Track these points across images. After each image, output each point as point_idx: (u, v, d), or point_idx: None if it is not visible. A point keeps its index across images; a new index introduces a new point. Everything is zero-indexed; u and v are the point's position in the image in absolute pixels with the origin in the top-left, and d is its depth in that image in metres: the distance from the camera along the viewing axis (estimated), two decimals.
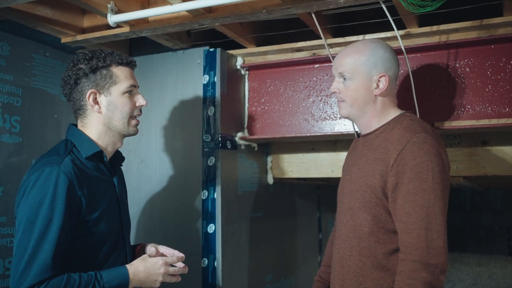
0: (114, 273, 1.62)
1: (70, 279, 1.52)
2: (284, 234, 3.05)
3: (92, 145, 1.72)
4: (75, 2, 1.97)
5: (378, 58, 1.77)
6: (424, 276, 1.52)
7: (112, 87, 1.73)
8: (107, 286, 1.58)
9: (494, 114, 2.17)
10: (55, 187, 1.55)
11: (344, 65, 1.79)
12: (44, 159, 1.64)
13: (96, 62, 1.71)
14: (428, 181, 1.59)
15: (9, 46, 2.26)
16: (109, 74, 1.72)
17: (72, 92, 1.74)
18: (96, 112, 1.73)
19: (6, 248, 2.20)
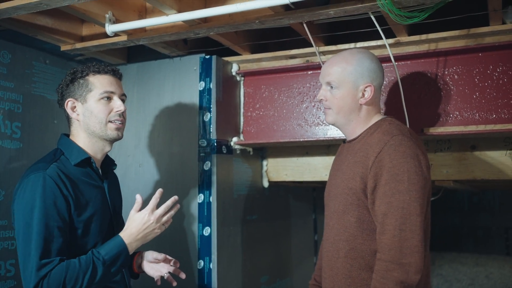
0: (110, 245, 1.70)
1: (69, 264, 1.60)
2: (279, 236, 3.11)
3: (80, 152, 1.79)
4: (74, 12, 2.03)
5: (365, 69, 1.82)
6: (396, 276, 1.59)
7: (88, 94, 1.81)
8: (106, 258, 1.65)
9: (482, 120, 2.23)
10: (43, 189, 1.63)
11: (331, 74, 1.85)
12: (31, 167, 1.73)
13: (75, 74, 1.82)
14: (404, 183, 1.64)
15: (10, 54, 2.32)
16: (85, 83, 1.81)
17: (61, 103, 1.86)
18: (75, 119, 1.82)
19: (7, 251, 2.26)
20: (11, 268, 2.27)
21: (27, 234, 1.60)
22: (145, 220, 1.74)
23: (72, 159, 1.77)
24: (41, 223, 1.60)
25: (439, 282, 7.30)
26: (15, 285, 2.28)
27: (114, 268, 1.68)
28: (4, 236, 2.25)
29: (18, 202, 1.67)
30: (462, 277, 6.47)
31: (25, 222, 1.62)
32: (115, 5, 2.16)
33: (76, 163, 1.77)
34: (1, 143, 2.27)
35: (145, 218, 1.74)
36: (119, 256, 1.69)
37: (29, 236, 1.60)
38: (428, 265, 1.83)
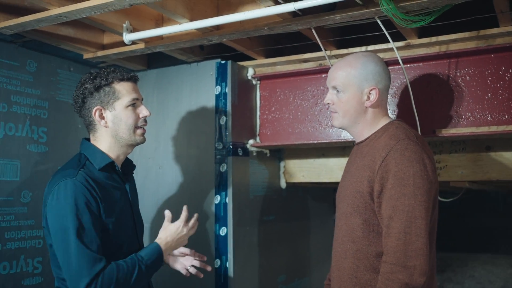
0: (150, 251, 1.86)
1: (119, 266, 1.72)
2: (297, 236, 3.16)
3: (104, 157, 1.87)
4: (92, 23, 2.15)
5: (369, 72, 1.85)
6: (400, 278, 1.62)
7: (116, 102, 1.87)
8: (149, 262, 1.80)
9: (494, 121, 2.23)
10: (75, 194, 1.71)
11: (336, 78, 1.88)
12: (60, 173, 1.81)
13: (99, 81, 1.86)
14: (409, 186, 1.67)
15: (36, 63, 2.46)
16: (111, 91, 1.87)
17: (81, 110, 1.90)
18: (103, 126, 1.88)
19: (34, 249, 2.39)
20: (38, 266, 2.41)
21: (66, 237, 1.67)
22: (179, 230, 1.97)
23: (96, 163, 1.85)
24: (79, 225, 1.68)
25: (471, 284, 7.19)
26: (42, 281, 2.42)
27: (152, 271, 1.84)
28: (31, 235, 2.39)
29: (51, 208, 1.74)
30: (495, 279, 6.36)
31: (62, 226, 1.69)
32: (132, 14, 2.26)
33: (100, 167, 1.85)
34: (28, 147, 2.40)
35: (179, 229, 1.98)
36: (157, 260, 1.86)
37: (68, 239, 1.67)
38: (433, 267, 1.85)
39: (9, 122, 2.31)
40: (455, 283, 7.42)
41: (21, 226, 2.34)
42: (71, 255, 1.66)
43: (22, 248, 2.34)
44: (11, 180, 2.31)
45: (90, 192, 1.75)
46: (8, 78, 2.32)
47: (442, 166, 2.59)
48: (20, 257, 2.32)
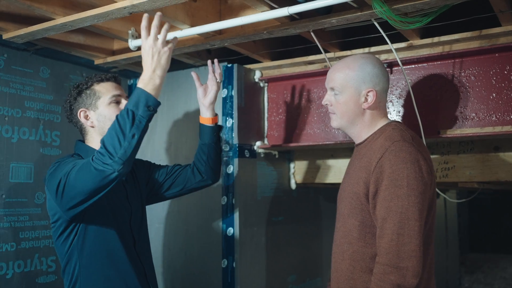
0: (132, 97, 1.73)
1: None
2: (309, 237, 3.18)
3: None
4: (98, 30, 2.22)
5: (367, 74, 1.85)
6: (393, 279, 1.62)
7: (98, 101, 1.98)
8: (128, 106, 1.70)
9: (499, 121, 2.20)
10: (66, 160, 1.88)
11: (334, 80, 1.90)
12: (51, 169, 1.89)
13: (80, 87, 2.00)
14: (403, 188, 1.67)
15: (49, 69, 2.56)
16: (92, 92, 1.98)
17: (71, 117, 2.03)
18: (90, 126, 1.99)
19: (48, 248, 2.50)
20: (52, 264, 2.51)
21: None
22: (150, 48, 1.77)
23: (84, 157, 1.94)
24: None
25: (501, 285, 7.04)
26: (56, 279, 2.52)
27: (140, 111, 1.70)
28: (45, 235, 2.49)
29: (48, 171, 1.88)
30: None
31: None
32: (137, 21, 2.32)
33: None
34: (42, 150, 2.51)
35: (150, 47, 1.77)
36: (139, 98, 1.71)
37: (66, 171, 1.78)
38: (430, 269, 1.85)
39: (23, 127, 2.42)
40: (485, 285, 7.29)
41: (35, 226, 2.44)
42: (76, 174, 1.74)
43: (36, 247, 2.44)
44: (25, 182, 2.41)
45: None
46: (22, 85, 2.42)
47: (450, 167, 2.57)
48: (34, 256, 2.43)
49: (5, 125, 2.34)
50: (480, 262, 8.94)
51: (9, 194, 2.34)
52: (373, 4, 1.81)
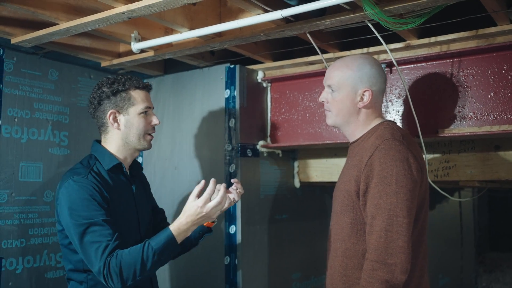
0: (160, 236, 1.83)
1: (124, 252, 1.78)
2: (313, 235, 3.21)
3: (112, 159, 2.01)
4: (100, 34, 2.30)
5: (364, 74, 1.88)
6: (381, 275, 1.65)
7: (130, 108, 2.00)
8: (156, 247, 1.79)
9: (496, 120, 2.21)
10: (85, 190, 1.84)
11: (332, 78, 1.93)
12: (71, 171, 1.95)
13: (117, 86, 1.99)
14: (392, 185, 1.70)
15: (57, 72, 2.65)
16: (127, 97, 1.99)
17: (96, 111, 2.02)
18: (115, 129, 2.01)
19: (57, 245, 2.57)
20: (61, 260, 2.60)
21: (78, 228, 1.80)
22: (194, 206, 1.86)
23: (105, 164, 1.99)
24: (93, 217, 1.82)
25: None
26: (64, 275, 2.59)
27: (163, 257, 1.83)
28: (54, 231, 2.57)
29: (63, 201, 1.87)
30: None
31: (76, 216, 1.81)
32: (141, 24, 2.41)
33: (108, 168, 1.98)
34: (51, 150, 2.60)
35: (194, 205, 1.86)
36: (168, 246, 1.81)
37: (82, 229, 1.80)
38: (423, 266, 1.87)
39: (32, 128, 2.51)
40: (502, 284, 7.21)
41: (44, 223, 2.53)
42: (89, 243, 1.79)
43: (45, 243, 2.53)
44: (34, 181, 2.51)
45: (100, 189, 1.88)
46: (31, 87, 2.51)
47: (451, 166, 2.58)
48: (43, 252, 2.52)
49: (15, 126, 2.43)
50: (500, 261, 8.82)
51: (19, 192, 2.43)
52: (364, 6, 1.84)
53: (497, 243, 9.62)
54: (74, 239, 1.83)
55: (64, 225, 1.88)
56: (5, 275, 2.34)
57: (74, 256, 1.91)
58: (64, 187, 1.89)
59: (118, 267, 1.74)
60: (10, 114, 2.42)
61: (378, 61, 1.98)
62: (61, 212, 1.87)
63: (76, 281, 1.93)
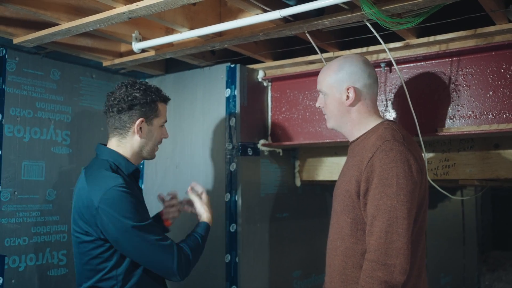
0: (203, 228, 2.13)
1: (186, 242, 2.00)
2: (314, 233, 3.23)
3: (129, 164, 2.00)
4: (102, 34, 2.32)
5: (345, 73, 1.91)
6: (380, 276, 1.66)
7: (155, 119, 2.02)
8: (205, 234, 2.11)
9: (495, 119, 2.22)
10: (128, 196, 1.83)
11: (320, 82, 1.98)
12: (106, 178, 1.87)
13: (151, 95, 1.99)
14: (392, 187, 1.71)
15: (59, 71, 2.67)
16: (156, 108, 2.01)
17: (121, 113, 1.96)
18: (137, 136, 1.99)
19: (59, 243, 2.62)
20: (63, 258, 2.63)
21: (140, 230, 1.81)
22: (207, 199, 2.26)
23: (124, 169, 1.97)
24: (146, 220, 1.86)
25: None
26: (66, 272, 2.64)
27: (206, 238, 2.11)
28: (57, 230, 2.61)
29: (110, 210, 1.80)
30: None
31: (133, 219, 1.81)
32: (141, 24, 2.43)
33: (129, 172, 1.98)
34: (53, 149, 2.62)
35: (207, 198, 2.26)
36: (207, 231, 2.14)
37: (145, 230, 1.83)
38: (421, 266, 1.88)
39: (35, 127, 2.53)
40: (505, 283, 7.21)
41: (46, 222, 2.56)
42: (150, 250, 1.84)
43: (47, 241, 2.56)
44: (36, 180, 2.53)
45: (135, 193, 1.90)
46: (33, 87, 2.54)
47: (451, 164, 2.59)
48: (46, 250, 2.55)
49: (17, 125, 2.46)
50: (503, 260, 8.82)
51: (22, 191, 2.46)
52: (362, 6, 1.85)
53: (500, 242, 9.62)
54: (135, 241, 1.82)
55: (113, 233, 1.82)
56: (8, 272, 2.37)
57: (106, 263, 1.87)
58: (107, 195, 1.82)
59: (188, 258, 1.92)
60: (13, 113, 2.45)
61: (363, 58, 1.97)
62: (109, 220, 1.80)
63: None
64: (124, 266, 1.87)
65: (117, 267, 1.86)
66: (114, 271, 1.86)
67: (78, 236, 1.89)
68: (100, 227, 1.81)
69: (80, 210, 1.87)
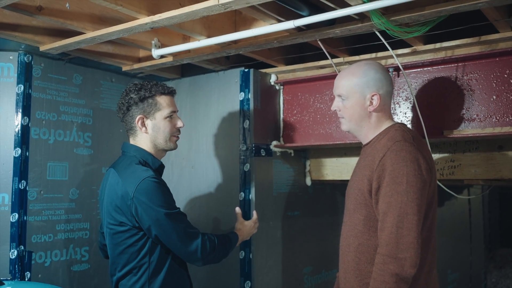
0: (233, 235, 2.34)
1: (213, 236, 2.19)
2: (325, 230, 3.34)
3: (155, 159, 2.18)
4: (125, 43, 2.44)
5: (370, 79, 2.00)
6: (391, 268, 1.77)
7: (157, 113, 2.15)
8: (233, 240, 2.30)
9: (499, 123, 2.32)
10: (160, 186, 2.02)
11: (340, 87, 2.06)
12: (139, 171, 2.04)
13: (144, 93, 2.14)
14: (402, 184, 1.81)
15: (81, 76, 2.80)
16: (154, 102, 2.15)
17: (125, 116, 2.17)
18: (143, 132, 2.16)
19: (82, 239, 2.75)
20: (86, 254, 2.76)
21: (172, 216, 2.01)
22: (251, 228, 2.50)
23: (151, 164, 2.14)
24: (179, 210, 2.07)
25: None
26: (89, 267, 2.77)
27: (229, 249, 2.26)
28: (79, 227, 2.74)
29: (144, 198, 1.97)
30: None
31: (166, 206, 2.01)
32: (160, 32, 2.55)
33: (155, 167, 2.15)
34: (76, 150, 2.75)
35: (252, 227, 2.50)
36: (234, 244, 2.32)
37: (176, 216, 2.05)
38: (432, 262, 1.97)
39: (59, 129, 2.67)
40: None
41: (70, 219, 2.69)
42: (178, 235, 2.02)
43: (71, 238, 2.69)
44: (60, 180, 2.67)
45: (165, 185, 2.09)
46: (57, 91, 2.67)
47: (457, 165, 2.69)
48: (69, 246, 2.68)
49: (43, 128, 2.59)
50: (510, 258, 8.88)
51: (47, 190, 2.59)
52: (371, 17, 1.96)
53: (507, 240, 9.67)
54: (166, 227, 2.00)
55: (146, 220, 1.98)
56: (35, 267, 2.51)
57: (140, 251, 2.04)
58: (141, 186, 1.98)
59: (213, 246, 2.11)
60: (39, 116, 2.58)
61: (382, 65, 2.09)
62: (143, 208, 1.98)
63: (137, 275, 2.05)
64: (157, 253, 2.05)
65: (151, 254, 2.04)
66: (147, 258, 2.03)
67: (112, 228, 2.06)
68: (135, 215, 1.99)
69: (114, 202, 2.04)
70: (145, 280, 2.03)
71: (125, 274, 2.05)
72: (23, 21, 2.31)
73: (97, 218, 2.82)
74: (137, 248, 2.03)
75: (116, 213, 2.03)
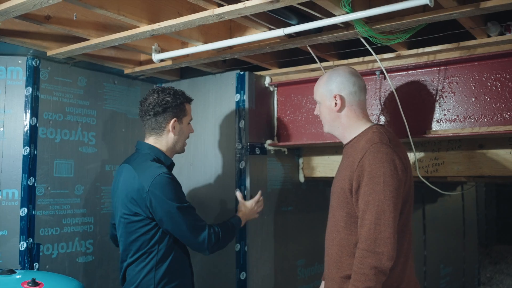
0: (235, 219, 2.56)
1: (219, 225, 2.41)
2: (317, 225, 3.50)
3: (167, 158, 2.40)
4: (125, 47, 2.60)
5: (333, 82, 2.17)
6: (370, 262, 1.92)
7: (184, 118, 2.41)
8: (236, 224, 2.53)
9: (477, 123, 2.47)
10: (173, 181, 2.24)
11: (315, 93, 2.25)
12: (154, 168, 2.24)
13: (180, 98, 2.38)
14: (379, 184, 1.96)
15: (85, 78, 2.96)
16: (184, 108, 2.41)
17: (157, 116, 2.34)
18: (171, 134, 2.37)
19: (87, 233, 2.92)
20: (90, 246, 2.93)
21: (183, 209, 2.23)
22: (252, 207, 2.71)
23: (164, 161, 2.36)
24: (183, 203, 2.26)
25: None
26: (93, 259, 2.94)
27: (234, 233, 2.51)
28: (84, 221, 2.90)
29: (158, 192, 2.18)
30: None
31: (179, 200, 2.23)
32: (160, 38, 2.70)
33: (167, 165, 2.37)
34: (81, 149, 2.92)
35: (252, 206, 2.71)
36: (238, 226, 2.55)
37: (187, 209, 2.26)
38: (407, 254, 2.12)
39: (65, 129, 2.83)
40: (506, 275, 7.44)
41: (75, 214, 2.86)
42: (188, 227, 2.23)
43: (76, 231, 2.86)
44: (66, 176, 2.83)
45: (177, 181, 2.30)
46: (63, 93, 2.83)
47: (440, 163, 2.85)
48: (75, 239, 2.85)
49: (50, 127, 2.76)
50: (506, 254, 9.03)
51: (54, 186, 2.76)
52: (355, 26, 2.12)
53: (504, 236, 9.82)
54: (177, 220, 2.20)
55: (159, 212, 2.19)
56: (43, 259, 2.68)
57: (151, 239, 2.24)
58: (156, 181, 2.19)
59: (218, 237, 2.32)
60: (46, 117, 2.74)
61: (351, 69, 2.22)
62: (157, 201, 2.19)
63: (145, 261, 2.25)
64: (165, 242, 2.25)
65: (160, 243, 2.24)
66: (156, 246, 2.24)
67: (126, 218, 2.27)
68: (149, 207, 2.19)
69: (130, 194, 2.24)
70: (152, 266, 2.23)
71: (135, 260, 2.26)
72: (32, 29, 2.47)
73: (100, 213, 2.99)
74: (149, 237, 2.24)
75: (132, 205, 2.23)
